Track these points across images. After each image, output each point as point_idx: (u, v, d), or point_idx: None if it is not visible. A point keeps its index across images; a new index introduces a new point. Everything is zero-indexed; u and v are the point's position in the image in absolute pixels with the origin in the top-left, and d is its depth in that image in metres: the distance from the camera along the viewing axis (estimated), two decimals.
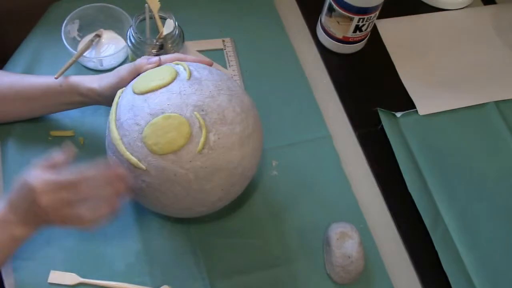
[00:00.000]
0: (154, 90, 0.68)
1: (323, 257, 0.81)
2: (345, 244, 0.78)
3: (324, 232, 0.82)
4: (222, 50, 0.99)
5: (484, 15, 1.12)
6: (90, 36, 0.93)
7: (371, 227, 0.85)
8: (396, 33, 1.07)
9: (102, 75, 0.78)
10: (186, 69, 0.71)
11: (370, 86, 1.00)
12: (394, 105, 0.96)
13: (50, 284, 0.74)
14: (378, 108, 0.95)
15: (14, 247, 0.67)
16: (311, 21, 1.05)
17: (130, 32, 0.84)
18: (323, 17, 0.99)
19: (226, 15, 1.03)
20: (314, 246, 0.82)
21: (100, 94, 0.76)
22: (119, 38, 0.94)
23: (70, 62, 0.87)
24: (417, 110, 0.96)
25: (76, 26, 0.93)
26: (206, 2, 1.04)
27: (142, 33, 0.85)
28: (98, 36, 0.93)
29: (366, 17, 0.94)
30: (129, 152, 0.67)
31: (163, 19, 0.85)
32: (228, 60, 0.97)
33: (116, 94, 0.72)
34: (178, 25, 0.85)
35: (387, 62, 1.03)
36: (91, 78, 0.78)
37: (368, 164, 0.92)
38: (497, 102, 0.99)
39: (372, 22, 0.96)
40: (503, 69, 1.05)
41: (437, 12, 1.12)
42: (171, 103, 0.67)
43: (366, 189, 0.89)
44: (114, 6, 0.92)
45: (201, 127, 0.66)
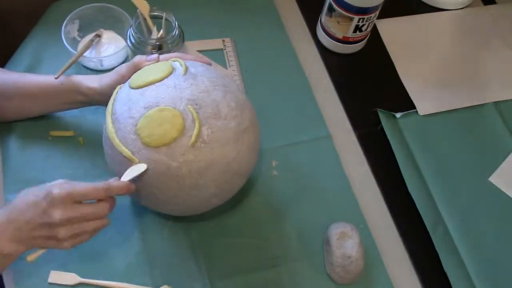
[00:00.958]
0: (150, 84, 0.69)
1: (323, 257, 0.81)
2: (345, 244, 0.78)
3: (324, 232, 0.82)
4: (222, 50, 0.99)
5: (484, 15, 1.12)
6: (90, 36, 0.93)
7: (371, 227, 0.85)
8: (396, 33, 1.07)
9: (102, 75, 0.78)
10: (182, 65, 0.71)
11: (370, 86, 1.00)
12: (394, 105, 0.96)
13: (50, 284, 0.74)
14: (378, 108, 0.95)
15: (2, 266, 0.66)
16: (311, 21, 1.05)
17: (130, 32, 0.84)
18: (323, 17, 0.99)
19: (226, 15, 1.03)
20: (314, 246, 0.82)
21: (100, 93, 0.77)
22: (119, 38, 0.94)
23: (70, 62, 0.87)
24: (417, 111, 0.96)
25: (76, 26, 0.93)
26: (206, 2, 1.04)
27: (142, 33, 0.85)
28: (98, 36, 0.93)
29: (366, 17, 0.94)
30: (123, 145, 0.67)
31: (161, 19, 0.85)
32: (228, 60, 0.98)
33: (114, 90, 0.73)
34: (178, 25, 0.84)
35: (387, 62, 1.03)
36: (92, 78, 0.78)
37: (368, 164, 0.92)
38: (496, 103, 0.99)
39: (372, 22, 0.96)
40: (503, 69, 1.05)
41: (437, 12, 1.12)
42: (166, 97, 0.67)
43: (366, 189, 0.89)
44: (114, 6, 0.92)
45: (194, 120, 0.66)
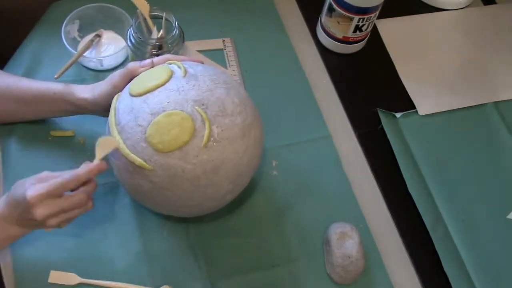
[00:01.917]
0: (152, 90, 0.68)
1: (323, 257, 0.81)
2: (345, 244, 0.78)
3: (324, 232, 0.82)
4: (222, 50, 0.99)
5: (484, 15, 1.12)
6: (90, 36, 0.93)
7: (371, 227, 0.85)
8: (396, 33, 1.07)
9: (95, 85, 0.77)
10: (180, 67, 0.71)
11: (370, 86, 1.00)
12: (394, 105, 0.96)
13: (50, 284, 0.74)
14: (378, 108, 0.95)
15: (9, 242, 0.71)
16: (311, 21, 1.05)
17: (130, 32, 0.84)
18: (323, 17, 0.99)
19: (226, 15, 1.03)
20: (314, 246, 0.82)
21: (93, 103, 0.76)
22: (119, 38, 0.94)
23: (70, 62, 0.87)
24: (417, 111, 0.96)
25: (76, 26, 0.93)
26: (206, 2, 1.04)
27: (142, 33, 0.85)
28: (98, 36, 0.93)
29: (366, 17, 0.94)
30: (133, 154, 0.67)
31: (161, 19, 0.85)
32: (228, 60, 0.98)
33: (112, 100, 0.72)
34: (178, 25, 0.84)
35: (387, 62, 1.03)
36: (84, 88, 0.77)
37: (368, 164, 0.92)
38: (496, 103, 0.99)
39: (372, 22, 0.96)
40: (503, 69, 1.05)
41: (437, 12, 1.12)
42: (171, 101, 0.67)
43: (366, 189, 0.89)
44: (114, 6, 0.92)
45: (203, 121, 0.66)
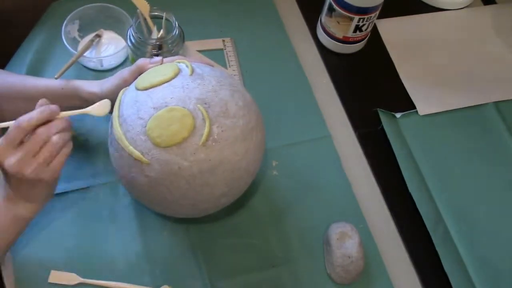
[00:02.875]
0: (157, 85, 0.69)
1: (323, 257, 0.81)
2: (345, 244, 0.78)
3: (324, 232, 0.82)
4: (222, 50, 0.99)
5: (484, 15, 1.12)
6: (90, 36, 0.93)
7: (371, 227, 0.85)
8: (396, 33, 1.07)
9: (103, 80, 0.77)
10: (188, 66, 0.71)
11: (370, 86, 1.00)
12: (394, 105, 0.96)
13: (50, 284, 0.74)
14: (378, 108, 0.95)
15: (19, 228, 0.70)
16: (311, 21, 1.05)
17: (130, 32, 0.84)
18: (323, 17, 0.99)
19: (226, 15, 1.03)
20: (314, 246, 0.82)
21: (102, 97, 0.75)
22: (119, 38, 0.94)
23: (70, 62, 0.87)
24: (417, 111, 0.96)
25: (76, 26, 0.93)
26: (206, 2, 1.04)
27: (142, 33, 0.85)
28: (98, 36, 0.93)
29: (366, 17, 0.94)
30: (132, 146, 0.67)
31: (161, 19, 0.85)
32: (228, 60, 0.98)
33: (119, 94, 0.72)
34: (178, 25, 0.85)
35: (387, 62, 1.03)
36: (92, 83, 0.78)
37: (368, 164, 0.92)
38: (496, 103, 0.99)
39: (372, 22, 0.96)
40: (503, 69, 1.05)
41: (437, 12, 1.12)
42: (174, 97, 0.67)
43: (366, 189, 0.89)
44: (114, 6, 0.92)
45: (204, 119, 0.66)
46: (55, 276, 0.75)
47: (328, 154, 0.91)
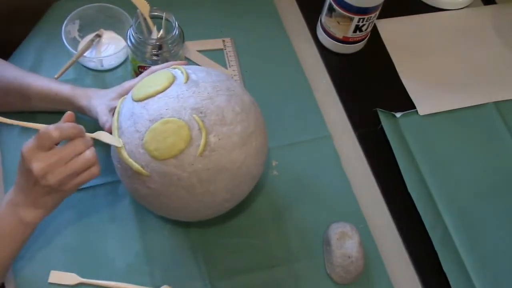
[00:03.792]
0: (152, 96, 0.68)
1: (323, 257, 0.81)
2: (345, 244, 0.78)
3: (324, 232, 0.82)
4: (222, 50, 0.99)
5: (484, 15, 1.12)
6: (90, 36, 0.93)
7: (371, 227, 0.85)
8: (396, 33, 1.07)
9: (94, 94, 0.78)
10: (183, 72, 0.71)
11: (370, 86, 1.00)
12: (394, 105, 0.96)
13: (50, 284, 0.74)
14: (378, 108, 0.95)
15: (25, 233, 0.69)
16: (311, 21, 1.05)
17: (130, 32, 0.84)
18: (323, 17, 0.99)
19: (226, 15, 1.03)
20: (314, 246, 0.82)
21: (90, 114, 0.77)
22: (119, 38, 0.94)
23: (70, 62, 0.87)
24: (417, 111, 0.96)
25: (76, 26, 0.93)
26: (206, 2, 1.04)
27: (142, 33, 0.85)
28: (99, 36, 0.93)
29: (366, 17, 0.94)
30: (132, 159, 0.67)
31: (161, 19, 0.85)
32: (228, 60, 0.98)
33: (117, 103, 0.73)
34: (178, 25, 0.84)
35: (387, 62, 1.03)
36: (84, 95, 0.78)
37: (368, 164, 0.92)
38: (496, 103, 0.99)
39: (372, 22, 0.96)
40: (503, 69, 1.05)
41: (437, 12, 1.12)
42: (169, 108, 0.67)
43: (366, 189, 0.89)
44: (114, 6, 0.92)
45: (200, 130, 0.66)
46: (55, 276, 0.75)
47: (328, 154, 0.91)
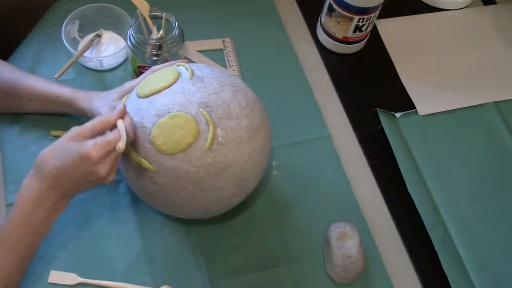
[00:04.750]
0: (158, 91, 0.69)
1: (323, 257, 0.81)
2: (345, 244, 0.78)
3: (324, 232, 0.82)
4: (222, 50, 0.99)
5: (484, 15, 1.12)
6: (90, 36, 0.93)
7: (371, 227, 0.85)
8: (396, 33, 1.07)
9: (95, 96, 0.78)
10: (188, 69, 0.71)
11: (370, 86, 1.00)
12: (394, 105, 0.96)
13: (50, 284, 0.74)
14: (378, 108, 0.95)
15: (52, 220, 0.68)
16: (311, 21, 1.05)
17: (130, 32, 0.84)
18: (323, 17, 0.99)
19: (226, 15, 1.03)
20: (314, 246, 0.82)
21: (91, 115, 0.77)
22: (119, 38, 0.94)
23: (70, 62, 0.87)
24: (417, 111, 0.96)
25: (76, 26, 0.93)
26: (206, 2, 1.04)
27: (142, 33, 0.85)
28: (98, 36, 0.93)
29: (366, 17, 0.94)
30: (138, 155, 0.68)
31: (161, 19, 0.85)
32: (228, 60, 0.98)
33: (121, 101, 0.73)
34: (178, 25, 0.84)
35: (387, 62, 1.03)
36: (85, 98, 0.78)
37: (368, 164, 0.92)
38: (496, 102, 0.99)
39: (372, 22, 0.96)
40: (503, 69, 1.05)
41: (437, 12, 1.12)
42: (176, 103, 0.67)
43: (366, 189, 0.89)
44: (114, 6, 0.92)
45: (208, 123, 0.66)
46: (55, 276, 0.75)
47: (328, 154, 0.91)
